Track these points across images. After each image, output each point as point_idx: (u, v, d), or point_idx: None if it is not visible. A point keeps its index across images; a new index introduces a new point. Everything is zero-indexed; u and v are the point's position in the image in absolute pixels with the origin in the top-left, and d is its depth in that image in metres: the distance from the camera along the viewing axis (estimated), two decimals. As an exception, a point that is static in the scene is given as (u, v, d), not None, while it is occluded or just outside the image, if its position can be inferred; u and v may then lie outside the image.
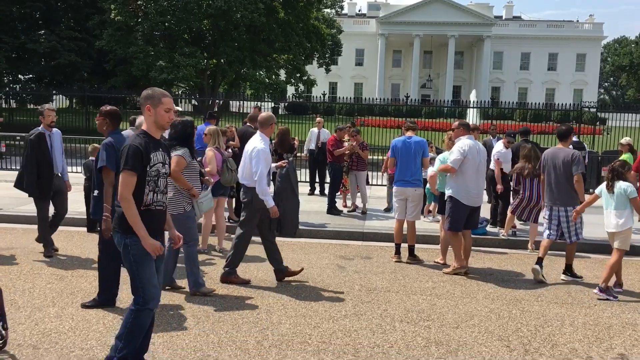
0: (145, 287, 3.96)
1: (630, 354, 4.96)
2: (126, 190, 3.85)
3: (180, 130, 6.20)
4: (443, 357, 4.75)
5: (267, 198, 6.40)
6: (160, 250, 3.95)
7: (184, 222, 6.10)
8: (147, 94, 4.05)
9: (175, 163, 5.96)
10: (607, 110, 25.02)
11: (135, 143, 3.91)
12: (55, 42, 30.72)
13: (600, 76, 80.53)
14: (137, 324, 3.98)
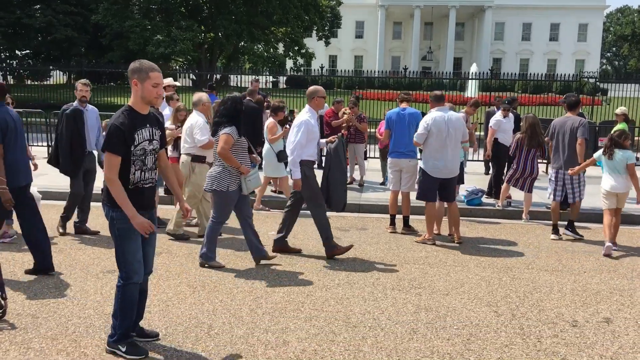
0: (127, 262, 3.97)
1: (616, 317, 5.08)
2: (110, 171, 3.82)
3: (229, 107, 6.10)
4: (431, 322, 4.86)
5: (295, 169, 6.42)
6: (149, 228, 3.91)
7: (222, 200, 6.12)
8: (134, 67, 3.93)
9: (224, 141, 5.94)
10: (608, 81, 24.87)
11: (117, 122, 3.82)
12: (51, 16, 30.52)
13: (603, 46, 79.85)
14: (126, 299, 4.02)
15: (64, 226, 7.64)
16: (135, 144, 3.88)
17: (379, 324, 4.79)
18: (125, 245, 3.96)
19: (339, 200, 6.91)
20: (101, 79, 31.21)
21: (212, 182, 6.10)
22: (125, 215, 3.87)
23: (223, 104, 6.16)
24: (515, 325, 4.84)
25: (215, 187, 6.06)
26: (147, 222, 3.89)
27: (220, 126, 6.06)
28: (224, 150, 5.96)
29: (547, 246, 7.55)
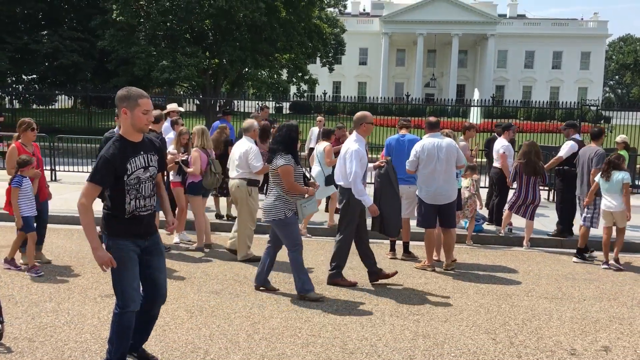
0: (124, 290, 3.93)
1: (615, 346, 5.04)
2: (85, 197, 3.77)
3: (285, 134, 6.05)
4: (429, 349, 4.84)
5: (364, 197, 6.43)
6: (109, 263, 3.77)
7: (284, 228, 6.05)
8: (122, 95, 3.84)
9: (287, 173, 5.90)
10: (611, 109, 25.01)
11: (107, 154, 3.76)
12: (58, 42, 30.95)
13: (605, 74, 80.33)
14: (122, 326, 3.99)
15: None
16: (129, 174, 3.83)
17: (375, 351, 4.76)
18: (121, 274, 3.91)
19: (394, 225, 6.93)
20: (106, 104, 31.47)
21: (269, 212, 6.03)
22: (121, 244, 3.87)
23: (279, 131, 6.14)
24: (513, 353, 4.80)
25: (273, 217, 6.00)
26: (107, 257, 3.77)
27: (276, 153, 6.02)
28: (290, 182, 5.92)
29: (547, 274, 7.52)
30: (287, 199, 6.03)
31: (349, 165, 6.44)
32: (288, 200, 6.03)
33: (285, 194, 6.01)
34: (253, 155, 7.35)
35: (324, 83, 57.85)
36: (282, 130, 6.12)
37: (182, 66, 27.21)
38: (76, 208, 3.81)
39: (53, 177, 14.38)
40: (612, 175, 7.85)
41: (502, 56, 72.08)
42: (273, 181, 6.08)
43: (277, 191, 6.04)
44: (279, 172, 5.95)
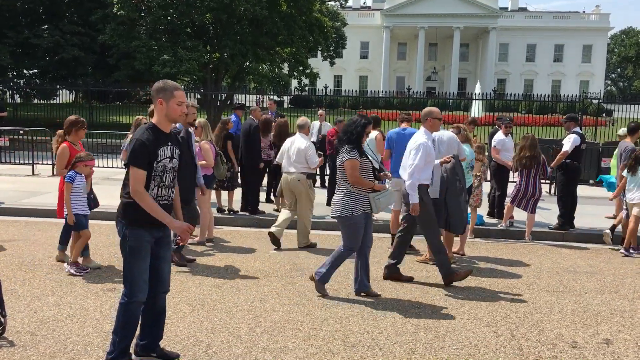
0: (134, 280, 3.97)
1: (616, 339, 5.05)
2: (137, 184, 3.86)
3: (349, 129, 5.96)
4: (430, 342, 4.85)
5: (413, 193, 6.29)
6: (189, 230, 4.01)
7: (348, 226, 5.90)
8: (159, 87, 4.02)
9: (352, 167, 5.78)
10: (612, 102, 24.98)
11: (142, 138, 3.88)
12: (59, 36, 30.89)
13: (607, 67, 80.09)
14: (127, 316, 4.02)
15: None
16: (158, 160, 3.93)
17: (377, 344, 4.77)
18: (134, 263, 3.97)
19: (460, 221, 6.86)
20: (107, 98, 31.51)
21: (337, 209, 5.91)
22: (138, 234, 3.92)
23: (344, 126, 6.08)
24: (514, 346, 4.81)
25: (340, 214, 5.88)
26: (186, 225, 3.99)
27: (341, 146, 5.95)
28: (355, 177, 5.80)
29: (549, 267, 7.52)
30: (357, 195, 5.87)
31: (414, 156, 6.30)
32: (357, 196, 5.88)
33: (355, 190, 5.88)
34: (312, 152, 7.98)
35: (325, 77, 57.77)
36: (347, 125, 6.03)
37: (183, 60, 27.16)
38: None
39: (55, 172, 14.37)
40: (638, 170, 8.28)
41: (503, 49, 71.89)
42: (341, 177, 5.94)
43: (345, 187, 5.90)
44: (344, 166, 5.83)
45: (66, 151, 6.80)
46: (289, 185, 8.14)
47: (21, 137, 16.51)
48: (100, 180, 13.59)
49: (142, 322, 4.21)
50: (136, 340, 4.23)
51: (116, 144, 17.62)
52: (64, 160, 6.78)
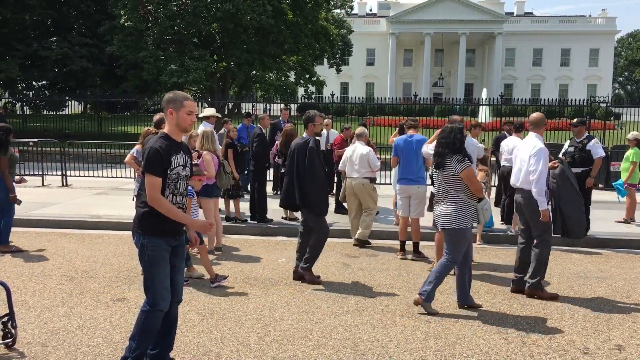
0: (156, 289, 4.02)
1: (628, 344, 5.00)
2: (153, 191, 3.92)
3: (447, 136, 5.83)
4: (440, 350, 4.82)
5: (542, 199, 6.13)
6: (208, 226, 4.17)
7: (459, 238, 5.77)
8: (169, 98, 4.13)
9: (471, 176, 5.70)
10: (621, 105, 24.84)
11: (156, 146, 3.97)
12: (67, 48, 31.13)
13: (614, 71, 79.77)
14: (148, 324, 4.05)
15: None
16: (172, 168, 4.01)
17: (387, 352, 4.76)
18: (154, 272, 4.02)
19: (579, 226, 6.60)
20: (116, 108, 31.66)
21: (451, 221, 5.73)
22: (155, 243, 3.98)
23: (442, 132, 5.91)
24: (525, 353, 4.78)
25: (455, 226, 5.71)
26: (205, 221, 4.14)
27: (445, 158, 5.77)
28: (477, 184, 5.75)
29: (559, 272, 7.47)
30: (470, 205, 5.77)
31: (535, 162, 6.16)
32: (470, 207, 5.77)
33: (469, 199, 5.77)
34: (373, 157, 8.65)
35: (331, 84, 57.87)
36: (445, 132, 5.87)
37: (190, 70, 27.28)
38: (86, 213, 3.89)
39: (64, 183, 14.47)
40: None
41: (510, 54, 71.77)
42: (451, 188, 5.76)
43: (458, 198, 5.75)
44: (462, 177, 5.69)
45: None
46: (353, 189, 8.79)
47: (31, 149, 16.63)
48: (109, 190, 13.66)
49: None
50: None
51: (125, 154, 17.69)
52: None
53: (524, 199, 6.35)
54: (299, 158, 6.70)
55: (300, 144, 6.80)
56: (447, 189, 5.81)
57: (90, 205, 11.35)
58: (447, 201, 5.81)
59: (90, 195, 12.81)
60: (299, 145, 6.78)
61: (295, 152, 6.76)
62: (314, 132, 6.90)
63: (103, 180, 15.29)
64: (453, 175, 5.74)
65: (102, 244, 8.62)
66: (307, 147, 6.70)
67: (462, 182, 5.73)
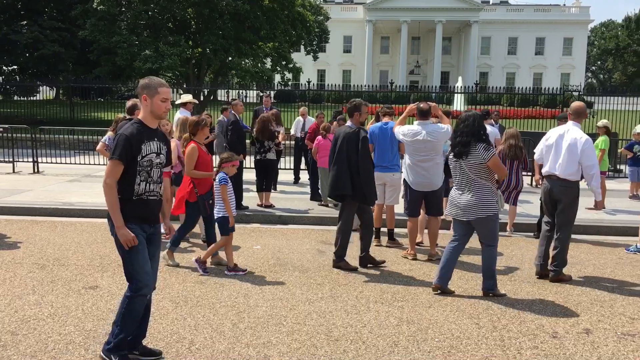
0: (138, 274, 4.03)
1: (595, 328, 5.12)
2: (109, 177, 3.91)
3: (471, 124, 5.83)
4: (413, 335, 4.88)
5: (599, 192, 6.38)
6: (132, 241, 3.94)
7: (493, 223, 5.89)
8: (144, 84, 4.07)
9: (498, 163, 5.82)
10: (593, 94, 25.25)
11: (126, 132, 3.94)
12: (38, 32, 30.48)
13: (587, 60, 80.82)
14: (131, 310, 4.06)
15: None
16: (143, 155, 3.98)
17: (360, 337, 4.80)
18: (132, 258, 4.01)
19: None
20: (89, 94, 31.16)
21: (485, 209, 5.80)
22: (131, 228, 3.95)
23: (464, 122, 5.88)
24: (496, 337, 4.86)
25: (490, 213, 5.81)
26: (131, 236, 3.94)
27: (468, 146, 5.78)
28: (504, 170, 5.93)
29: (530, 258, 7.59)
30: (495, 191, 5.88)
31: (590, 155, 6.27)
32: (495, 193, 5.88)
33: (493, 186, 5.88)
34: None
35: (308, 71, 57.65)
36: (468, 120, 5.87)
37: (165, 55, 26.97)
38: (58, 200, 3.84)
39: (36, 169, 14.23)
40: None
41: (485, 43, 72.32)
42: (477, 176, 5.81)
43: (485, 186, 5.82)
44: (489, 165, 5.76)
45: (195, 151, 6.76)
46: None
47: (1, 135, 16.28)
48: (82, 177, 13.48)
49: None
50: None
51: (98, 140, 17.42)
52: (194, 160, 6.73)
53: (567, 188, 6.44)
54: (350, 148, 6.69)
55: (349, 133, 6.77)
56: (473, 177, 5.85)
57: (63, 192, 11.18)
58: (474, 190, 5.85)
59: (62, 182, 12.62)
60: (348, 134, 6.77)
61: (345, 141, 6.74)
62: (359, 121, 6.92)
63: (76, 167, 15.07)
64: (480, 163, 5.79)
65: (75, 232, 8.51)
66: (359, 137, 6.71)
67: (487, 170, 5.83)
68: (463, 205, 5.91)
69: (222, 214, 6.57)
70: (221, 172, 6.62)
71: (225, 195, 6.50)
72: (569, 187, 6.44)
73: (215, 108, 24.50)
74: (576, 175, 6.42)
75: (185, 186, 6.84)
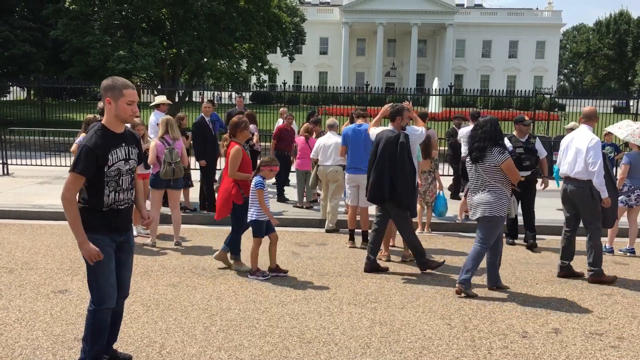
0: (100, 286, 3.84)
1: (564, 328, 5.20)
2: (68, 191, 3.67)
3: (489, 130, 5.98)
4: (385, 336, 4.90)
5: (603, 188, 6.48)
6: (97, 256, 3.72)
7: (494, 225, 6.04)
8: (107, 85, 3.77)
9: (512, 167, 5.92)
10: (565, 97, 25.68)
11: (89, 144, 3.67)
12: (8, 32, 29.87)
13: (560, 63, 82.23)
14: (97, 324, 3.89)
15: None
16: (109, 165, 3.74)
17: (333, 339, 4.80)
18: (97, 270, 3.80)
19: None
20: (62, 95, 30.66)
21: (492, 209, 5.95)
22: (97, 239, 3.75)
23: (481, 127, 6.03)
24: (467, 337, 4.91)
25: (496, 214, 5.96)
26: (95, 251, 3.70)
27: (485, 151, 5.93)
28: (516, 173, 5.98)
29: (502, 259, 7.61)
30: (502, 197, 5.99)
31: (595, 155, 6.44)
32: (502, 198, 5.99)
33: (506, 190, 6.00)
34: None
35: (284, 73, 57.61)
36: (486, 125, 6.02)
37: (139, 56, 26.66)
38: (28, 203, 3.72)
39: (5, 171, 13.96)
40: None
41: (460, 45, 73.09)
42: (491, 178, 5.96)
43: (497, 188, 5.96)
44: (502, 168, 5.89)
45: (240, 153, 6.61)
46: (327, 177, 9.13)
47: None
48: (52, 179, 13.26)
49: None
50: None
51: (69, 142, 17.14)
52: (238, 161, 6.57)
53: (578, 188, 6.64)
54: (392, 152, 6.71)
55: (391, 137, 6.77)
56: (487, 180, 6.00)
57: (33, 195, 10.99)
58: (486, 191, 6.01)
59: (32, 185, 12.41)
60: (390, 138, 6.77)
61: (386, 145, 6.75)
62: (400, 125, 6.93)
63: (47, 169, 14.82)
64: (494, 166, 5.94)
65: (45, 235, 8.37)
66: (399, 141, 6.73)
67: (501, 173, 5.96)
68: (474, 204, 6.11)
69: (254, 218, 6.50)
70: (258, 175, 6.53)
71: (262, 200, 6.41)
72: (580, 186, 6.65)
73: (190, 109, 24.32)
74: (585, 174, 6.59)
75: (229, 188, 6.65)
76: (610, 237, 8.20)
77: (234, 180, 6.63)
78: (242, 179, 6.65)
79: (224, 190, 6.73)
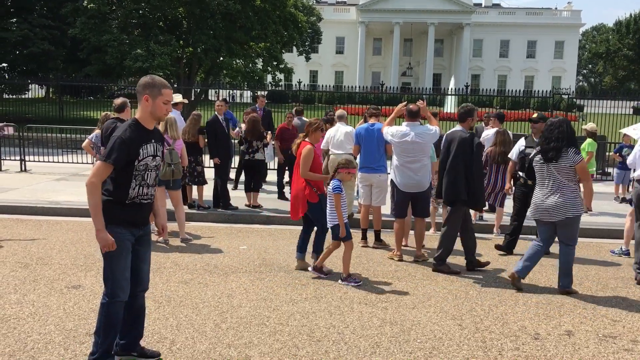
0: (115, 279, 3.88)
1: (577, 330, 5.14)
2: (95, 177, 3.72)
3: (565, 130, 6.07)
4: (395, 336, 4.88)
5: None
6: (111, 246, 3.77)
7: (577, 223, 6.17)
8: (146, 82, 3.89)
9: (583, 165, 6.04)
10: (583, 97, 25.38)
11: (124, 136, 3.76)
12: (28, 30, 30.26)
13: (579, 63, 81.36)
14: (109, 317, 3.92)
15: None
16: (140, 159, 3.83)
17: (342, 338, 4.79)
18: (113, 262, 3.86)
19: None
20: (80, 93, 30.99)
21: (575, 210, 6.05)
22: (117, 232, 3.81)
23: (557, 127, 6.09)
24: (478, 339, 4.87)
25: (579, 213, 6.10)
26: (111, 241, 3.76)
27: (560, 151, 6.02)
28: (588, 173, 6.16)
29: (516, 260, 7.60)
30: (580, 194, 6.16)
31: None
32: (580, 197, 6.16)
33: (577, 189, 6.13)
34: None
35: (300, 72, 57.66)
36: (562, 125, 6.09)
37: (156, 55, 26.84)
38: (44, 199, 3.76)
39: (23, 168, 14.13)
40: None
41: (477, 45, 72.60)
42: (566, 178, 6.04)
43: (574, 187, 6.07)
44: (577, 169, 6.00)
45: (312, 153, 6.60)
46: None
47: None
48: (69, 176, 13.40)
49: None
50: (116, 340, 4.12)
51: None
52: (310, 161, 6.56)
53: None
54: (465, 153, 6.72)
55: (464, 138, 6.78)
56: (562, 180, 6.06)
57: (49, 191, 11.12)
58: (562, 192, 6.06)
59: (49, 181, 12.55)
60: (463, 139, 6.78)
61: (460, 145, 6.75)
62: (470, 125, 6.99)
63: (63, 166, 14.98)
64: (569, 166, 6.01)
65: (60, 231, 8.46)
66: (473, 142, 6.76)
67: (574, 173, 6.04)
68: (551, 206, 6.10)
69: (337, 222, 6.39)
70: (335, 179, 6.44)
71: (339, 205, 6.29)
72: None
73: (206, 108, 24.41)
74: None
75: (302, 188, 6.59)
76: (626, 239, 8.09)
77: (306, 180, 6.58)
78: (314, 179, 6.58)
79: (297, 190, 6.64)
